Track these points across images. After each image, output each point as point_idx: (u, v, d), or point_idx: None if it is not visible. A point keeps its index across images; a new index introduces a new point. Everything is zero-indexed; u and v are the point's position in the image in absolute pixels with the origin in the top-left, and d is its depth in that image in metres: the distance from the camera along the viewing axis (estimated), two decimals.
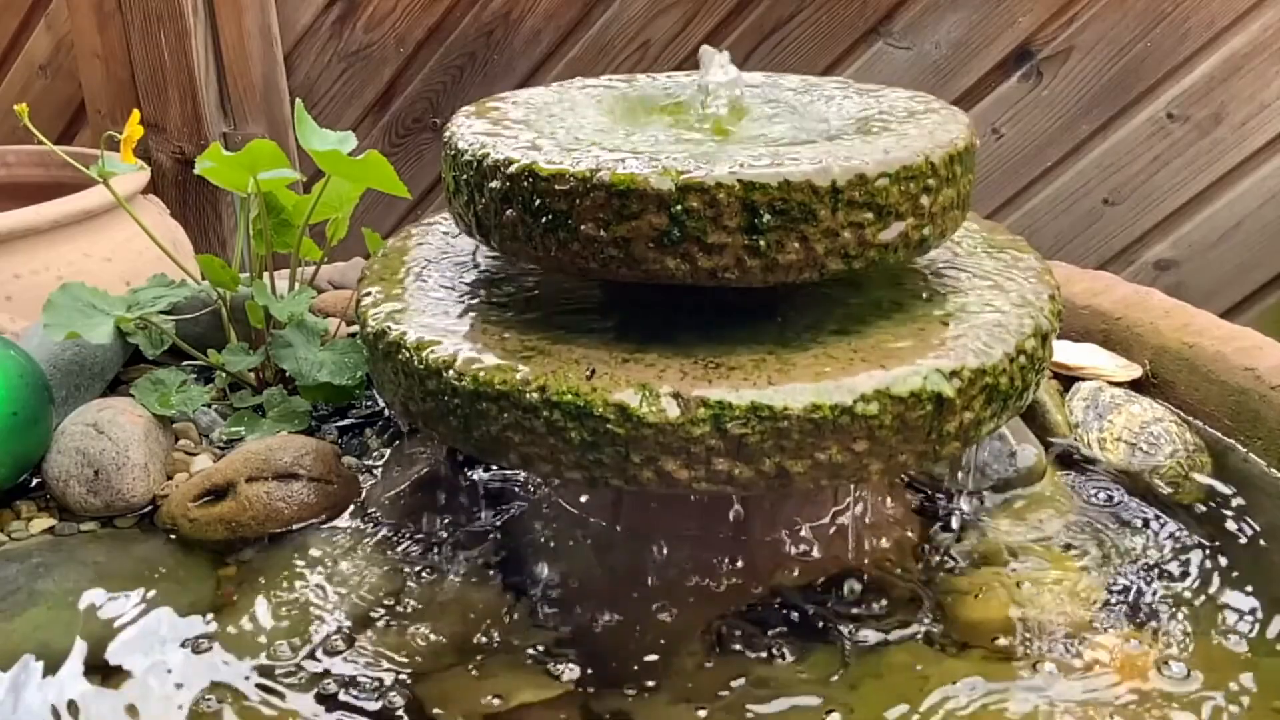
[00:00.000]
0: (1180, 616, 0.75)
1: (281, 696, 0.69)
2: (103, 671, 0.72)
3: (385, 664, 0.72)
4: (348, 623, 0.75)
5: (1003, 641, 0.73)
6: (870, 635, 0.73)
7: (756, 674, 0.70)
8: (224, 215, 1.99)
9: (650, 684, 0.70)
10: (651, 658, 0.72)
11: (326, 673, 0.71)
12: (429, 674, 0.71)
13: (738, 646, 0.72)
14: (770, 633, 0.74)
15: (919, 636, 0.73)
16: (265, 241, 0.98)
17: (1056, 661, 0.71)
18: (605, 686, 0.69)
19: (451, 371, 0.69)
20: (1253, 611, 0.75)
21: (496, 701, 0.68)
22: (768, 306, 0.75)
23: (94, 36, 1.93)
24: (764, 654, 0.72)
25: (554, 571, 0.80)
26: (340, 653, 0.73)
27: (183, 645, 0.74)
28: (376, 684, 0.70)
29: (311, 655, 0.73)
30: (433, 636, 0.74)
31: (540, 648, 0.73)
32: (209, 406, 0.98)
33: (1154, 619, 0.74)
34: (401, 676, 0.71)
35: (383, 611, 0.76)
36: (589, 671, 0.70)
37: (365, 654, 0.73)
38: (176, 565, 0.82)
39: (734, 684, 0.70)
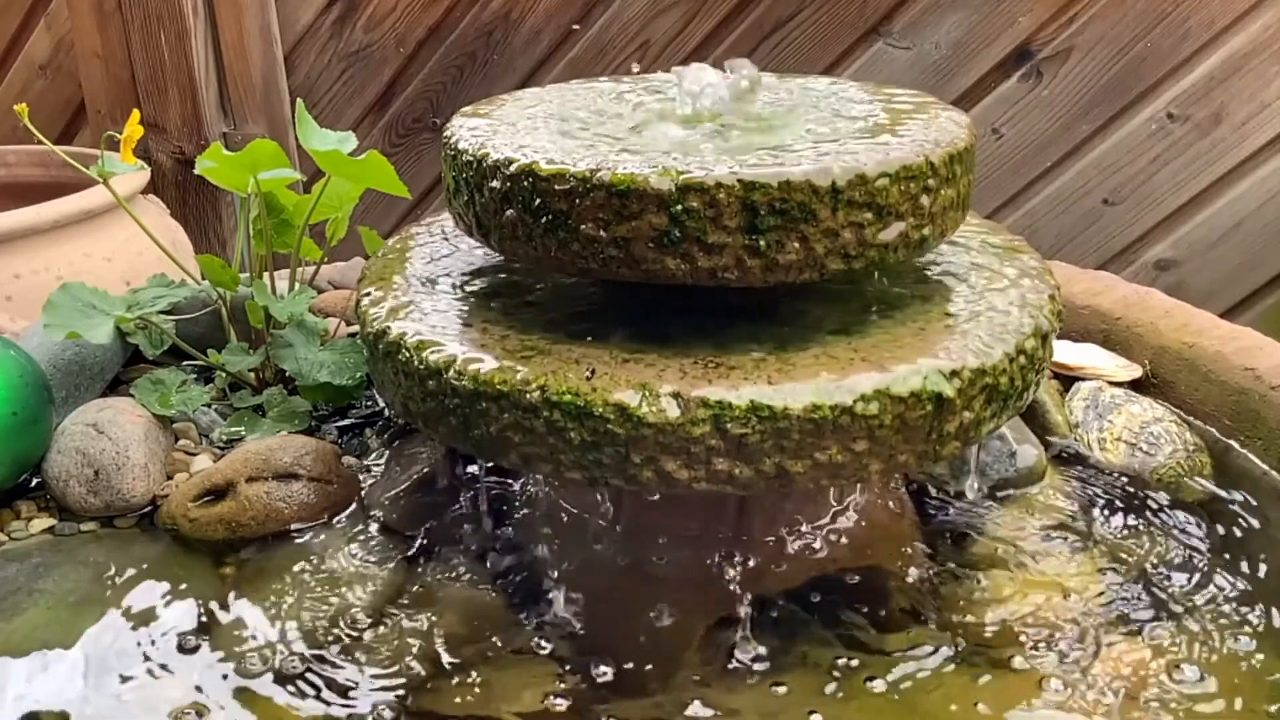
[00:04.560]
0: (1185, 618, 0.75)
1: (276, 698, 0.69)
2: (102, 672, 0.72)
3: (380, 668, 0.72)
4: (345, 624, 0.75)
5: (1006, 645, 0.73)
6: (871, 639, 0.73)
7: (756, 681, 0.70)
8: (224, 215, 1.99)
9: (646, 695, 0.69)
10: (648, 665, 0.71)
11: (321, 675, 0.71)
12: (423, 680, 0.71)
13: (738, 652, 0.72)
14: (770, 638, 0.73)
15: (920, 639, 0.73)
16: (265, 241, 0.98)
17: (1062, 664, 0.71)
18: (599, 699, 0.69)
19: (451, 371, 0.69)
20: (1256, 612, 0.75)
21: (486, 711, 0.68)
22: (768, 306, 0.75)
23: (94, 36, 1.93)
24: (764, 660, 0.72)
25: (553, 573, 0.79)
26: (337, 655, 0.73)
27: (181, 646, 0.74)
28: (370, 688, 0.70)
29: (307, 657, 0.73)
30: (430, 641, 0.74)
31: (536, 653, 0.72)
32: (209, 406, 0.98)
33: (1159, 621, 0.74)
34: (395, 681, 0.70)
35: (380, 614, 0.76)
36: (583, 681, 0.70)
37: (362, 657, 0.73)
38: (176, 565, 0.82)
39: (733, 693, 0.69)
